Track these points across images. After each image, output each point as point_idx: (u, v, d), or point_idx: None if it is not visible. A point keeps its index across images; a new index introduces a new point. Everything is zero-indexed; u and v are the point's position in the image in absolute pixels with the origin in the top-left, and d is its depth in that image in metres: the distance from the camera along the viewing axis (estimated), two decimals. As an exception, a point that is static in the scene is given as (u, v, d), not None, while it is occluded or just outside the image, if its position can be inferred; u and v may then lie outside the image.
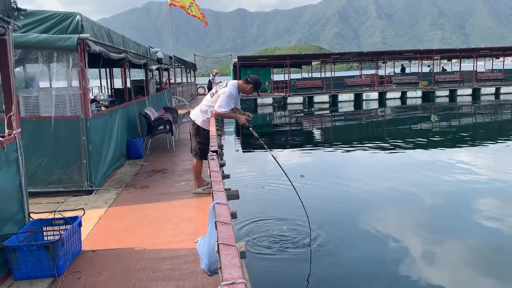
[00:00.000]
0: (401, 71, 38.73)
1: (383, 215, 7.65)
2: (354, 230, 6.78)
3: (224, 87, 5.27)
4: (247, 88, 5.34)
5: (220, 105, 5.17)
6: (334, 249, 6.03)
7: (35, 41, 5.23)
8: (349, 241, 6.30)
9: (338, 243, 6.22)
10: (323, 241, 6.26)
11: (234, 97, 5.28)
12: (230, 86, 5.25)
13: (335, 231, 6.66)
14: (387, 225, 7.00)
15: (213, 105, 5.30)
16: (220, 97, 5.18)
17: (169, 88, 17.79)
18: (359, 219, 7.35)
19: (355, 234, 6.60)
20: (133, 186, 6.15)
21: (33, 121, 5.56)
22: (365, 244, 6.28)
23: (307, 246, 6.11)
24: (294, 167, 11.67)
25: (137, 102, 9.37)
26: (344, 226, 6.99)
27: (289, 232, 6.65)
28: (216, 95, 5.28)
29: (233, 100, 5.28)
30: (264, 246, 6.10)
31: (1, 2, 3.33)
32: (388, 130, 20.36)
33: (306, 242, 6.25)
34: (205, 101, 5.47)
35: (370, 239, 6.44)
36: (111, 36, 6.77)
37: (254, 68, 34.16)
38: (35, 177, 5.43)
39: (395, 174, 10.81)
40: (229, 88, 5.21)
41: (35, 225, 3.65)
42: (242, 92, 5.44)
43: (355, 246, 6.17)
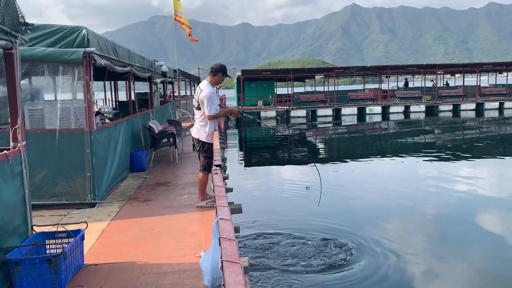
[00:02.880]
0: (404, 86, 38.81)
1: (387, 229, 7.59)
2: (359, 245, 6.72)
3: (200, 93, 5.29)
4: (218, 79, 5.42)
5: (209, 109, 5.21)
6: (341, 263, 5.98)
7: (41, 54, 5.28)
8: (355, 256, 6.25)
9: (345, 256, 6.18)
10: (330, 254, 6.22)
11: (215, 95, 5.37)
12: (206, 87, 5.28)
13: (342, 245, 6.61)
14: (396, 242, 6.93)
15: (205, 117, 5.34)
16: (205, 102, 5.21)
17: (173, 101, 17.87)
18: (365, 233, 7.30)
19: (361, 248, 6.55)
20: (136, 199, 6.14)
21: (38, 133, 5.59)
22: (368, 256, 6.23)
23: (312, 259, 6.07)
24: (300, 180, 11.67)
25: (141, 115, 9.41)
26: (349, 239, 6.94)
27: (292, 246, 6.61)
28: (201, 104, 5.29)
29: (216, 98, 5.38)
30: (267, 260, 6.06)
31: (9, 17, 3.38)
32: (394, 143, 20.32)
33: (310, 255, 6.21)
34: (197, 116, 5.47)
35: (373, 252, 6.38)
36: (117, 49, 6.83)
37: (257, 82, 34.33)
38: (39, 190, 5.43)
39: (403, 186, 10.79)
40: (206, 90, 5.25)
41: (38, 238, 3.64)
42: (217, 84, 5.52)
43: (361, 260, 6.12)
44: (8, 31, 3.32)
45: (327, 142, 21.76)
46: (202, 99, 5.25)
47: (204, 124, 5.39)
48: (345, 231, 7.34)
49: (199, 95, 5.30)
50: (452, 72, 40.73)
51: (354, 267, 5.90)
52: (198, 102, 5.34)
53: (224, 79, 5.56)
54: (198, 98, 5.31)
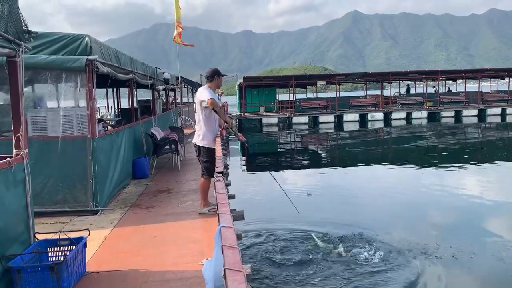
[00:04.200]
0: (406, 92, 38.84)
1: (394, 238, 7.54)
2: (360, 252, 6.69)
3: (198, 96, 5.28)
4: (217, 82, 5.44)
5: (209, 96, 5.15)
6: (346, 272, 5.95)
7: (44, 62, 5.31)
8: (360, 264, 6.22)
9: (348, 264, 6.15)
10: (334, 261, 6.20)
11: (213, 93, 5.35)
12: (205, 89, 5.30)
13: (344, 252, 6.59)
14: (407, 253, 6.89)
15: (208, 120, 5.33)
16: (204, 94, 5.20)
17: (175, 108, 17.92)
18: (370, 236, 7.27)
19: (361, 255, 6.52)
20: (138, 206, 6.14)
21: (41, 141, 5.60)
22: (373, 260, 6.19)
23: (313, 265, 6.05)
24: (302, 186, 11.65)
25: (144, 122, 9.42)
26: (353, 245, 6.91)
27: (295, 253, 6.59)
28: (199, 106, 5.28)
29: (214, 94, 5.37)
30: (270, 268, 6.04)
31: (13, 25, 3.40)
32: (397, 149, 20.28)
33: (311, 261, 6.19)
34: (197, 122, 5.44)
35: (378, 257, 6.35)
36: (119, 57, 6.86)
37: (259, 88, 34.40)
38: (41, 197, 5.43)
39: (410, 191, 10.78)
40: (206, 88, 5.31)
41: (40, 246, 3.64)
42: (217, 87, 5.53)
43: (361, 266, 6.09)
44: (11, 39, 3.34)
45: (329, 148, 21.75)
46: (200, 97, 5.22)
47: (203, 128, 5.37)
48: (348, 238, 7.31)
49: (198, 96, 5.31)
50: (454, 78, 40.78)
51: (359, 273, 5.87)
52: (198, 105, 5.33)
53: (222, 80, 5.57)
54: (198, 100, 5.30)
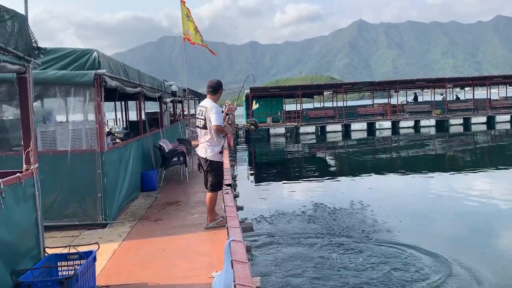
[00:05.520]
0: (413, 100, 38.71)
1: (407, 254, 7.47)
2: (369, 259, 6.63)
3: (205, 111, 5.27)
4: (220, 95, 5.51)
5: (216, 120, 5.18)
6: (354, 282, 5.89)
7: (53, 77, 5.37)
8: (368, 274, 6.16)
9: (357, 275, 6.09)
10: (344, 273, 6.14)
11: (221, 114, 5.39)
12: (211, 104, 5.31)
13: (353, 263, 6.53)
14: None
15: (213, 135, 5.32)
16: (212, 115, 5.19)
17: (182, 120, 18.00)
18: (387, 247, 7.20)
19: (370, 261, 6.45)
20: (147, 219, 6.14)
21: (50, 155, 5.64)
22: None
23: (325, 277, 5.99)
24: (310, 196, 11.59)
25: (152, 134, 9.47)
26: (362, 255, 6.85)
27: (304, 264, 6.54)
28: (208, 122, 5.26)
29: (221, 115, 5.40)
30: (279, 279, 5.99)
31: (23, 42, 3.45)
32: (409, 158, 20.17)
33: (325, 275, 6.13)
34: (203, 136, 5.40)
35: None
36: (127, 71, 6.92)
37: (266, 99, 34.50)
38: (50, 211, 5.45)
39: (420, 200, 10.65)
40: (213, 106, 5.29)
41: (50, 260, 3.64)
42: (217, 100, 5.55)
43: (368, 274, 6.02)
44: (21, 56, 3.38)
45: (338, 157, 21.67)
46: (209, 115, 5.22)
47: (212, 142, 5.35)
48: (358, 248, 7.25)
49: (205, 112, 5.28)
50: (462, 86, 40.58)
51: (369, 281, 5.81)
52: (204, 121, 5.30)
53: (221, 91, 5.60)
54: (205, 116, 5.29)
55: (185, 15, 18.95)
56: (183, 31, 19.01)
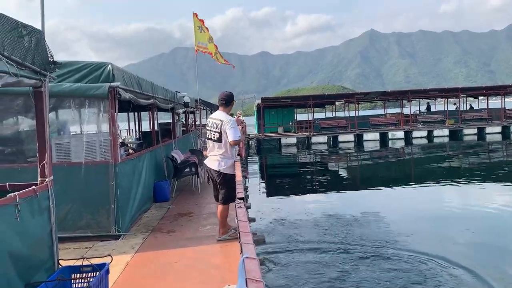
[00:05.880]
0: (426, 110, 38.38)
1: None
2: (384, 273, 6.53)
3: (221, 124, 5.28)
4: (230, 106, 5.55)
5: (233, 135, 5.22)
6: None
7: (68, 90, 5.45)
8: None
9: None
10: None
11: (237, 127, 5.43)
12: (227, 117, 5.34)
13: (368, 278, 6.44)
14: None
15: (227, 148, 5.32)
16: (230, 130, 5.21)
17: (194, 130, 18.09)
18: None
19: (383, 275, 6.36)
20: (159, 231, 6.14)
21: (64, 167, 5.70)
22: None
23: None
24: (323, 208, 11.51)
25: (164, 145, 9.52)
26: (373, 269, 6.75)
27: (319, 278, 6.47)
28: (224, 134, 5.26)
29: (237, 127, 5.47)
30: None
31: (39, 57, 3.51)
32: (427, 169, 19.95)
33: (338, 286, 6.06)
34: (217, 149, 5.37)
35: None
36: (141, 83, 6.99)
37: (277, 109, 34.53)
38: (64, 222, 5.49)
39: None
40: (227, 118, 5.33)
41: (64, 273, 3.66)
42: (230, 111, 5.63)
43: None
44: (37, 70, 3.44)
45: (351, 168, 21.54)
46: (225, 129, 5.23)
47: (226, 155, 5.34)
48: (374, 261, 7.16)
49: (221, 126, 5.25)
50: (475, 95, 40.17)
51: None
52: (219, 134, 5.28)
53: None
54: (221, 129, 5.26)
55: (198, 27, 19.14)
56: (195, 42, 19.20)
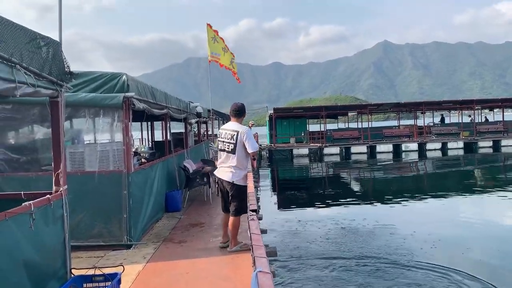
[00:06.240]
0: (440, 122, 38.02)
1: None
2: None
3: (236, 135, 5.29)
4: (243, 117, 5.58)
5: (252, 145, 5.31)
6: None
7: (83, 100, 5.52)
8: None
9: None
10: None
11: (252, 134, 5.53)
12: (243, 128, 5.38)
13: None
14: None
15: (241, 159, 5.33)
16: (249, 141, 5.27)
17: (206, 140, 18.15)
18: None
19: None
20: (171, 241, 6.14)
21: (78, 175, 5.75)
22: None
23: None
24: (336, 221, 11.42)
25: (177, 155, 9.56)
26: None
27: None
28: (239, 145, 5.28)
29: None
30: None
31: (56, 67, 3.57)
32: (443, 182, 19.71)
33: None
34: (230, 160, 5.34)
35: None
36: (154, 93, 7.05)
37: (289, 119, 34.51)
38: (77, 231, 5.51)
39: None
40: (246, 130, 5.38)
41: (76, 282, 3.68)
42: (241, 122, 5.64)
43: None
44: (54, 81, 3.49)
45: (364, 180, 21.36)
46: (243, 140, 5.26)
47: (240, 167, 5.33)
48: (389, 275, 7.05)
49: (237, 136, 5.25)
50: (491, 107, 39.67)
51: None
52: (234, 144, 5.27)
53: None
54: (236, 140, 5.26)
55: (211, 37, 19.32)
56: (209, 53, 19.36)
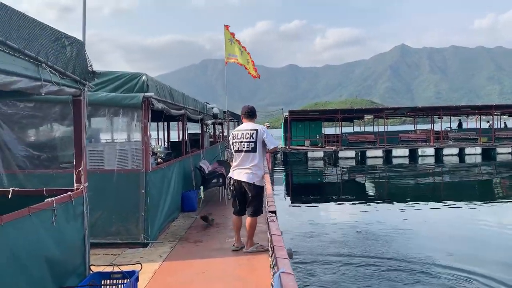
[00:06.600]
0: (458, 127, 37.47)
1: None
2: None
3: (255, 133, 5.30)
4: (255, 119, 5.64)
5: (273, 142, 5.40)
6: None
7: (104, 99, 5.59)
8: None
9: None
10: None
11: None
12: (260, 126, 5.45)
13: None
14: None
15: (260, 158, 5.34)
16: (268, 138, 5.31)
17: (222, 141, 18.21)
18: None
19: None
20: (186, 240, 6.18)
21: (97, 173, 5.81)
22: None
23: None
24: (350, 222, 11.34)
25: (193, 155, 9.62)
26: None
27: None
28: (259, 144, 5.29)
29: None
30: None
31: (79, 67, 3.63)
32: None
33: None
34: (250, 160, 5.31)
35: None
36: (173, 94, 7.11)
37: (305, 122, 34.39)
38: (95, 228, 5.55)
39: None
40: (264, 128, 5.44)
41: (95, 278, 3.71)
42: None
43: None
44: (78, 79, 3.55)
45: (379, 184, 21.18)
46: (263, 137, 5.28)
47: (259, 166, 5.34)
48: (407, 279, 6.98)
49: (257, 135, 5.27)
50: (510, 113, 38.95)
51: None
52: (254, 143, 5.28)
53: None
54: (256, 138, 5.27)
55: (229, 39, 19.39)
56: (226, 54, 19.44)
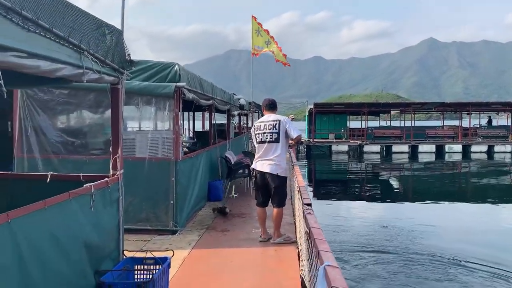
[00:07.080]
0: (487, 123, 36.49)
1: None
2: None
3: (278, 124, 5.33)
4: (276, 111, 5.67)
5: (297, 131, 5.40)
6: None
7: (138, 88, 5.67)
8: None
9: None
10: None
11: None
12: (284, 117, 5.52)
13: None
14: None
15: (284, 149, 5.37)
16: (291, 128, 5.33)
17: (247, 132, 18.24)
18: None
19: None
20: (214, 229, 6.25)
21: (129, 161, 5.90)
22: None
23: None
24: (376, 217, 11.25)
25: (219, 145, 9.68)
26: None
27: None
28: (282, 134, 5.33)
29: None
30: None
31: (118, 55, 3.68)
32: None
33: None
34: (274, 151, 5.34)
35: None
36: (202, 84, 7.15)
37: (329, 115, 34.10)
38: (126, 214, 5.62)
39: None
40: (286, 118, 5.51)
41: (128, 263, 3.79)
42: None
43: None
44: (116, 68, 3.60)
45: (405, 179, 20.89)
46: (286, 127, 5.31)
47: (283, 157, 5.41)
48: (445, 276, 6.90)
49: (280, 125, 5.32)
50: (544, 111, 37.66)
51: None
52: (277, 133, 5.32)
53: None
54: (279, 129, 5.31)
55: (255, 30, 19.30)
56: (252, 46, 19.37)
